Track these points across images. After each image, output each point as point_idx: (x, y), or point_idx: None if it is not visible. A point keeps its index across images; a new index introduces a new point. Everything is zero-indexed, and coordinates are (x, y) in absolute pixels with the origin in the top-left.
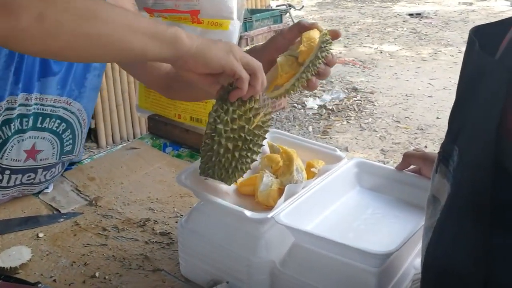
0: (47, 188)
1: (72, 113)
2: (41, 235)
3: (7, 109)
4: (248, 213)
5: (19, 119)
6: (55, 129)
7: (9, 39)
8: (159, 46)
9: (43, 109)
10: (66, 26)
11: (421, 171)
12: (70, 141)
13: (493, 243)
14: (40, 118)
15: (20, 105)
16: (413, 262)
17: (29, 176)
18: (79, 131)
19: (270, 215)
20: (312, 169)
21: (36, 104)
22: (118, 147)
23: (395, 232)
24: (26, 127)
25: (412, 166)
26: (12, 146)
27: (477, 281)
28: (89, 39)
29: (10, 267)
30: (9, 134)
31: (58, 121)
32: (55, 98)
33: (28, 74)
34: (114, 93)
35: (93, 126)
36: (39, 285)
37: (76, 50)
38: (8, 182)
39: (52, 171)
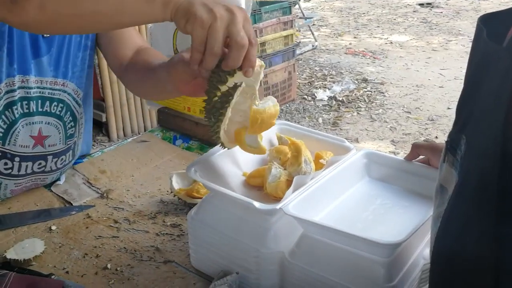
0: (59, 179)
1: (69, 94)
2: (53, 227)
3: (8, 92)
4: (257, 204)
5: (20, 102)
6: (58, 113)
7: (20, 27)
8: (151, 11)
9: (42, 92)
10: (64, 11)
11: (430, 161)
12: (72, 123)
13: (502, 232)
14: (40, 101)
15: (20, 87)
16: (422, 252)
17: (40, 163)
18: (77, 110)
19: (278, 206)
20: (320, 160)
21: (37, 87)
22: (129, 140)
23: (404, 223)
24: (31, 111)
25: (421, 157)
26: (19, 131)
27: (486, 269)
28: (87, 19)
29: (24, 259)
30: (14, 117)
31: (60, 104)
32: (51, 80)
33: (21, 55)
34: (124, 86)
35: (104, 120)
36: (52, 276)
37: (77, 28)
38: (19, 170)
39: (62, 159)
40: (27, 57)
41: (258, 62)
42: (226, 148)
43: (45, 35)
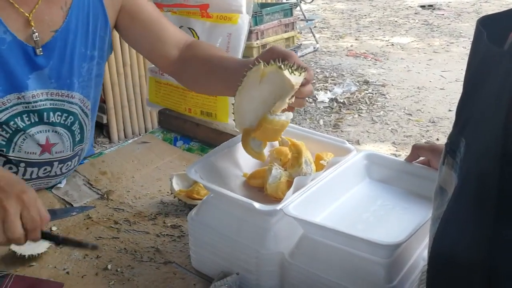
0: (60, 183)
1: (75, 104)
2: (54, 228)
3: (3, 110)
4: (257, 205)
5: (20, 116)
6: (63, 122)
7: None
8: None
9: (45, 104)
10: None
11: (430, 162)
12: (79, 130)
13: (502, 235)
14: (45, 113)
15: (16, 104)
16: (422, 253)
17: (45, 169)
18: (85, 120)
19: (279, 207)
20: (321, 162)
21: (40, 100)
22: (129, 141)
23: (404, 224)
24: (32, 122)
25: (421, 158)
26: (24, 140)
27: (481, 272)
28: None
29: (29, 255)
30: (12, 130)
31: (65, 114)
32: (54, 91)
33: (11, 74)
34: (125, 88)
35: (105, 122)
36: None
37: None
38: (24, 175)
39: (68, 164)
40: (21, 74)
41: (295, 80)
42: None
43: (38, 52)
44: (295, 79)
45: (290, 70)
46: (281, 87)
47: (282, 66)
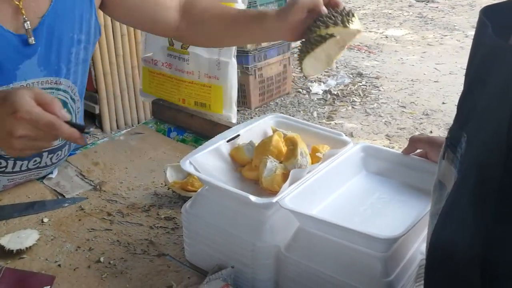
0: (51, 173)
1: (64, 91)
2: (45, 220)
3: None
4: (253, 198)
5: None
6: None
7: None
8: None
9: None
10: None
11: (428, 155)
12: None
13: (503, 232)
14: None
15: None
16: (420, 247)
17: (35, 160)
18: (73, 107)
19: (275, 199)
20: (317, 154)
21: None
22: (122, 132)
23: (402, 217)
24: None
25: (418, 150)
26: None
27: (481, 269)
28: None
29: (17, 250)
30: None
31: None
32: (43, 80)
33: (5, 65)
34: (118, 78)
35: (97, 112)
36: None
37: None
38: (13, 168)
39: (58, 154)
40: (10, 66)
41: (360, 25)
42: (303, 75)
43: (30, 42)
44: (358, 25)
45: (351, 21)
46: (349, 38)
47: (347, 23)
